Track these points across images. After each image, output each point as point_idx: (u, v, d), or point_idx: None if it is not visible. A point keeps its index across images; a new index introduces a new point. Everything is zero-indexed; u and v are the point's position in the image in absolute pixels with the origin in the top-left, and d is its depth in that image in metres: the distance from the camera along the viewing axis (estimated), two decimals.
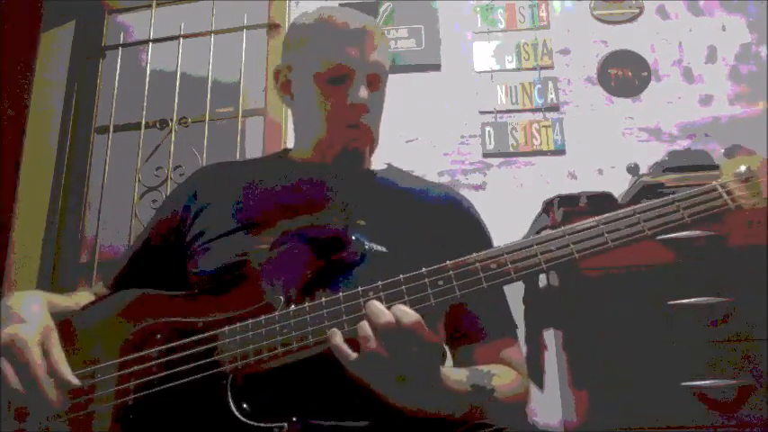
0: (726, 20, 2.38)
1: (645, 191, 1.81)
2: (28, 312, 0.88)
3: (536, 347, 2.09)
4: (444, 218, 1.07)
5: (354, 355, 0.77)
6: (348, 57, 1.05)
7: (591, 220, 0.81)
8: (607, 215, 0.81)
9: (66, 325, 0.90)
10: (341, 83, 1.06)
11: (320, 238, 0.94)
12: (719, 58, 2.35)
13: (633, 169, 1.94)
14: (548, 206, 1.92)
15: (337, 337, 0.78)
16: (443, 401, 0.84)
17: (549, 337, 2.10)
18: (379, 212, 1.03)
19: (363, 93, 1.05)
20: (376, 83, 1.08)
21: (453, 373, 0.88)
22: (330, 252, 0.93)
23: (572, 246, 0.79)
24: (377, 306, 0.78)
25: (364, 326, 0.77)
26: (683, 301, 1.53)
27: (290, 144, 1.26)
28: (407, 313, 0.76)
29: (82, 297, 1.07)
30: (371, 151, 1.14)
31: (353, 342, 0.78)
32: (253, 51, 2.51)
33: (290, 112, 1.26)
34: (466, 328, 1.03)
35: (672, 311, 1.53)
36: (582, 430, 1.72)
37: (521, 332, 2.07)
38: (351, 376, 0.77)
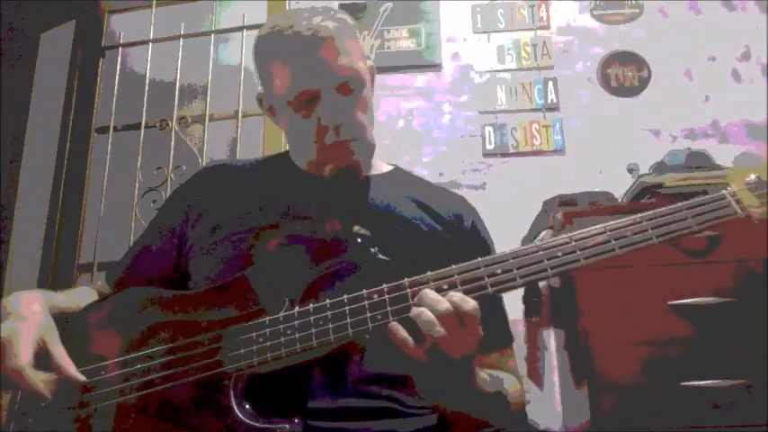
0: (726, 20, 2.39)
1: (645, 191, 1.81)
2: (28, 310, 0.88)
3: (536, 347, 2.10)
4: (449, 231, 1.06)
5: (412, 341, 0.75)
6: (308, 78, 0.99)
7: (598, 226, 0.81)
8: (614, 222, 0.81)
9: (68, 324, 0.90)
10: (313, 103, 1.00)
11: (324, 242, 0.93)
12: (719, 58, 2.35)
13: (633, 169, 1.94)
14: (548, 206, 1.92)
15: (401, 331, 0.76)
16: (474, 398, 0.84)
17: (549, 337, 2.10)
18: (383, 220, 1.02)
19: (336, 109, 0.99)
20: (349, 89, 1.01)
21: (479, 373, 0.88)
22: (333, 256, 0.93)
23: (579, 252, 0.79)
24: (434, 294, 0.77)
25: (426, 312, 0.75)
26: (683, 301, 1.53)
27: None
28: (466, 300, 0.76)
29: (82, 293, 1.06)
30: (368, 157, 1.10)
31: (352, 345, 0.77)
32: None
33: None
34: None
35: (672, 311, 1.53)
36: (582, 431, 1.73)
37: (521, 332, 2.08)
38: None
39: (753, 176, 0.81)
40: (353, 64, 1.01)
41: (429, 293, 0.77)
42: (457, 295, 0.76)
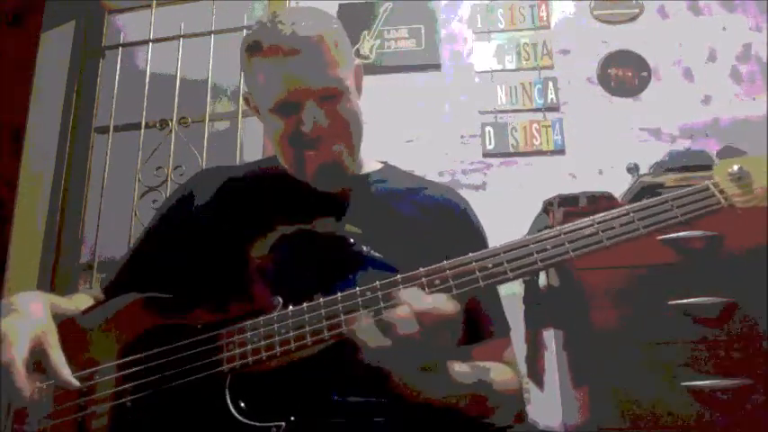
0: (726, 20, 2.39)
1: (645, 191, 1.81)
2: (28, 310, 0.88)
3: (536, 347, 2.09)
4: (440, 222, 1.07)
5: (387, 340, 0.76)
6: (289, 86, 0.97)
7: (586, 219, 0.82)
8: (602, 214, 0.82)
9: (67, 327, 0.91)
10: (291, 112, 0.99)
11: (317, 243, 0.94)
12: (719, 58, 2.35)
13: (633, 169, 1.94)
14: (548, 206, 1.92)
15: (365, 319, 0.77)
16: (451, 391, 0.85)
17: (549, 337, 2.10)
18: (374, 218, 1.03)
19: (316, 118, 0.98)
20: (333, 96, 1.00)
21: (457, 366, 0.88)
22: (327, 256, 0.93)
23: (568, 245, 0.80)
24: (415, 291, 0.77)
25: (404, 309, 0.76)
26: (683, 301, 1.53)
27: None
28: (447, 301, 0.77)
29: (82, 300, 1.07)
30: (352, 157, 1.08)
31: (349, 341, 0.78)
32: None
33: None
34: (463, 330, 1.03)
35: (672, 311, 1.53)
36: (582, 430, 1.72)
37: (521, 332, 2.07)
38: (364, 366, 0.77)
39: (735, 167, 0.83)
40: (336, 73, 1.00)
41: (410, 291, 0.78)
42: (439, 296, 0.77)
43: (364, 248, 0.94)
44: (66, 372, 0.84)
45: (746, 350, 1.49)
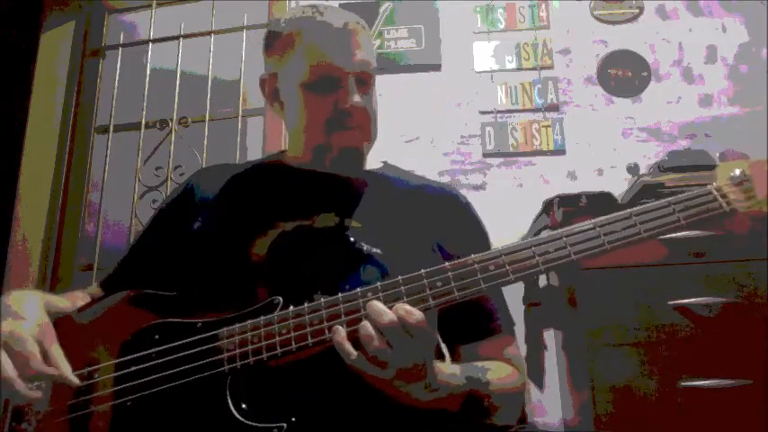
0: (726, 20, 2.39)
1: (645, 191, 1.81)
2: (26, 310, 0.88)
3: (536, 347, 2.09)
4: (441, 215, 1.07)
5: (356, 353, 0.77)
6: (334, 61, 1.02)
7: (588, 222, 0.82)
8: (604, 217, 0.82)
9: (63, 325, 0.90)
10: (330, 89, 1.03)
11: (318, 241, 0.94)
12: (719, 58, 2.35)
13: (633, 169, 1.94)
14: (548, 206, 1.92)
15: (339, 335, 0.78)
16: (440, 393, 0.85)
17: (549, 337, 2.10)
18: (375, 214, 1.03)
19: (356, 97, 1.02)
20: (366, 82, 1.06)
21: (447, 368, 0.89)
22: (328, 254, 0.93)
23: (569, 248, 0.80)
24: (379, 306, 0.78)
25: (366, 326, 0.77)
26: (684, 301, 1.53)
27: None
28: (411, 312, 0.77)
29: (77, 297, 1.07)
30: (369, 147, 1.13)
31: (356, 339, 0.78)
32: (253, 51, 2.52)
33: None
34: (467, 327, 1.03)
35: (671, 311, 1.53)
36: (581, 430, 1.72)
37: (521, 332, 2.07)
38: (352, 371, 0.78)
39: (737, 171, 0.82)
40: (372, 61, 1.07)
41: (374, 306, 0.78)
42: (403, 307, 0.77)
43: (365, 246, 0.94)
44: (66, 369, 0.84)
45: (746, 350, 1.49)
